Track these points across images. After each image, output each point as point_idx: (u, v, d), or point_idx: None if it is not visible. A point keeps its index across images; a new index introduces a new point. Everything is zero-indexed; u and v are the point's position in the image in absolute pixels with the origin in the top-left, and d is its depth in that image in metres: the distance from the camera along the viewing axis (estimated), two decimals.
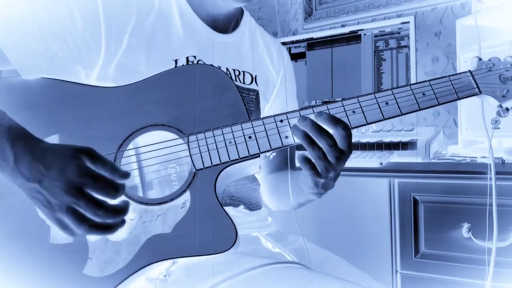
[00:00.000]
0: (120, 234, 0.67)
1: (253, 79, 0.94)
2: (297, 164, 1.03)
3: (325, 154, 0.69)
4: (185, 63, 0.81)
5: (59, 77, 0.72)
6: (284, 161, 1.01)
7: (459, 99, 0.75)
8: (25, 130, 0.65)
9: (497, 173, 0.93)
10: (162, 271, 0.73)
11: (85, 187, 0.59)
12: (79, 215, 0.60)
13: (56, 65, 0.73)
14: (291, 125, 0.71)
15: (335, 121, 0.69)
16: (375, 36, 1.61)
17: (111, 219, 0.61)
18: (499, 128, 0.90)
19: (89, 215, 0.60)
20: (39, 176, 0.60)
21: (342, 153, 0.69)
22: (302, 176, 0.79)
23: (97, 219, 0.60)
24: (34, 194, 0.62)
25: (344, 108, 0.72)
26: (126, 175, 0.64)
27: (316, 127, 0.68)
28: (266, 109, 0.98)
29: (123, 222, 0.63)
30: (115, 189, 0.61)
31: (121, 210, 0.62)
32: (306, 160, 0.70)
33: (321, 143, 0.68)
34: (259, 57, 0.97)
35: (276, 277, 0.72)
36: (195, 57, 0.83)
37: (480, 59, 0.79)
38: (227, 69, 0.88)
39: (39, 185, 0.60)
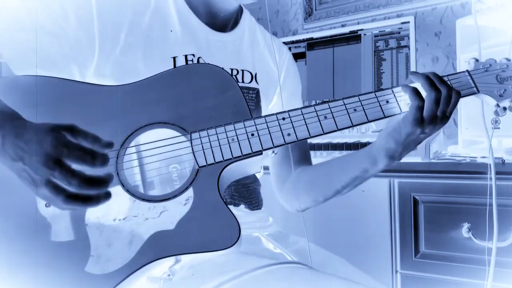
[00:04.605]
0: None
1: (253, 77, 0.94)
2: (313, 159, 1.02)
3: (439, 103, 0.71)
4: (183, 61, 0.81)
5: (51, 74, 0.71)
6: (303, 155, 0.99)
7: None
8: (16, 114, 0.64)
9: (497, 173, 0.93)
10: (165, 270, 0.72)
11: (62, 157, 0.58)
12: (56, 186, 0.59)
13: (47, 60, 0.72)
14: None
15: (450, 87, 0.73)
16: (375, 36, 1.61)
17: (92, 190, 0.60)
18: (499, 128, 0.90)
19: (64, 185, 0.59)
20: (21, 153, 0.60)
21: (445, 117, 0.72)
22: (389, 128, 0.77)
23: (71, 189, 0.59)
24: (21, 173, 0.61)
25: (345, 107, 0.73)
26: (109, 144, 0.64)
27: (438, 76, 0.72)
28: (270, 107, 0.97)
29: (107, 195, 0.62)
30: (92, 156, 0.60)
31: (101, 180, 0.61)
32: (418, 95, 0.71)
33: (442, 88, 0.71)
34: (259, 55, 0.96)
35: (283, 277, 0.71)
36: (193, 55, 0.82)
37: (476, 60, 0.82)
38: (224, 68, 0.88)
39: (22, 163, 0.60)
